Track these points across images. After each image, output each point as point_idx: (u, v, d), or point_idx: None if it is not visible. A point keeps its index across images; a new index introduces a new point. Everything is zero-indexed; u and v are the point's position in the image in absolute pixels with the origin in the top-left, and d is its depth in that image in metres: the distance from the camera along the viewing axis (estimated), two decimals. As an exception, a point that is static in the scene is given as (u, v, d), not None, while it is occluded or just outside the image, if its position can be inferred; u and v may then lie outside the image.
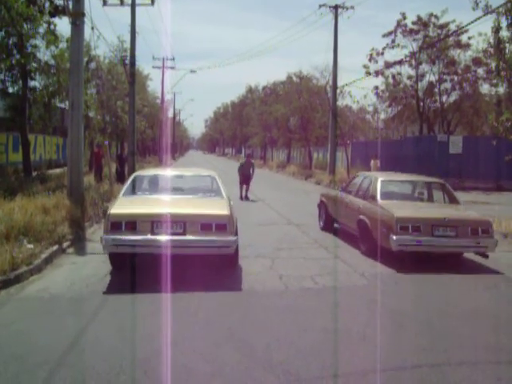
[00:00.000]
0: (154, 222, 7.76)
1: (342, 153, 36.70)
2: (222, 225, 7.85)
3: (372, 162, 24.39)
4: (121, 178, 22.79)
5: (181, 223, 7.77)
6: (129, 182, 9.73)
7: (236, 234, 8.19)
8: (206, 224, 7.83)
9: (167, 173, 11.02)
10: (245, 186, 21.41)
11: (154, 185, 10.09)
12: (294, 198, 22.41)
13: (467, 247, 9.61)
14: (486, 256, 9.52)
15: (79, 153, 13.51)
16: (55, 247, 9.70)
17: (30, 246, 9.13)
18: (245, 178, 21.46)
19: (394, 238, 9.08)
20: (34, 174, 20.42)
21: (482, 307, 7.21)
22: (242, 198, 21.05)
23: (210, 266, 8.76)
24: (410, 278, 8.67)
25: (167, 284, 7.07)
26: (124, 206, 8.47)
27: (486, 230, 9.47)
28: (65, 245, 10.30)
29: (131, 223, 7.80)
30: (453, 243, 9.35)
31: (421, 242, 9.16)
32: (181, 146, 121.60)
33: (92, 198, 14.71)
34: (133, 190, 9.48)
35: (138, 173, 11.13)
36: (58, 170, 25.35)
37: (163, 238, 7.68)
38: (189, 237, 7.75)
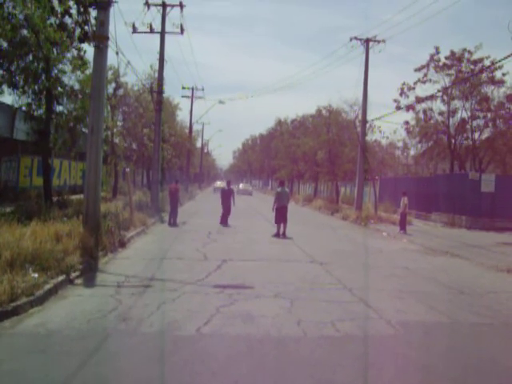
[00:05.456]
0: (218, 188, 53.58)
1: (369, 188, 35.86)
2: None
3: (402, 199, 23.53)
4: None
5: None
6: (217, 182, 75.10)
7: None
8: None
9: (222, 182, 61.37)
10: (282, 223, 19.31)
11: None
12: (319, 234, 21.65)
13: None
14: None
15: (97, 178, 13.12)
16: (62, 277, 9.18)
17: (35, 275, 8.63)
18: (282, 211, 19.54)
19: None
20: (55, 199, 20.08)
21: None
22: (279, 234, 19.12)
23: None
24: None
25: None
26: (215, 184, 71.46)
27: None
28: (73, 275, 9.79)
29: (218, 187, 51.57)
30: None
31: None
32: (208, 176, 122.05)
33: (108, 226, 14.24)
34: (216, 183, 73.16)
35: (217, 184, 71.98)
36: (80, 196, 25.12)
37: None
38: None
